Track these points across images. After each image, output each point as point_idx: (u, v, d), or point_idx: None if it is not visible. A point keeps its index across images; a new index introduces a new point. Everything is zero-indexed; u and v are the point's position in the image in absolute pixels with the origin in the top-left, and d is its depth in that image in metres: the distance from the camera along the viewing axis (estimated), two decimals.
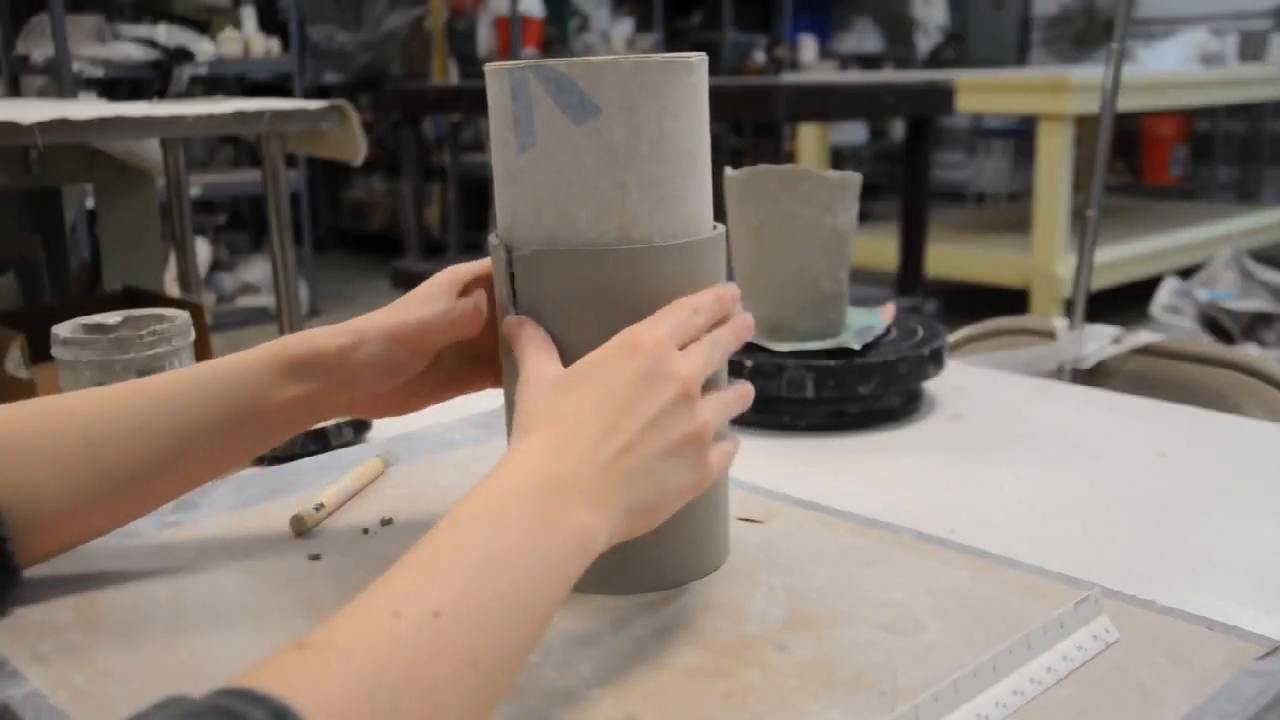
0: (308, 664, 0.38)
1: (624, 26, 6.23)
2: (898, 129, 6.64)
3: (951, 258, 4.08)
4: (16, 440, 0.59)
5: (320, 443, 0.87)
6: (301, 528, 0.70)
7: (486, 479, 0.49)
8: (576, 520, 0.48)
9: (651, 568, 0.61)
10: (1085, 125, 4.06)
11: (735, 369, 0.89)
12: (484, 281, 0.66)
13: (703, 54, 0.60)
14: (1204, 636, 0.55)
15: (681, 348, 0.55)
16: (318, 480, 0.78)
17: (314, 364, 0.62)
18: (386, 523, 0.71)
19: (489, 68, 0.60)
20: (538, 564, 0.46)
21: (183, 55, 4.26)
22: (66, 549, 0.62)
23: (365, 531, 0.70)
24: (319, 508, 0.71)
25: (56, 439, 0.59)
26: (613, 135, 0.57)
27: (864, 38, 7.18)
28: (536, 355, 0.57)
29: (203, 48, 4.36)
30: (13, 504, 0.57)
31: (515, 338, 0.59)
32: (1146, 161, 6.17)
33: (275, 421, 0.63)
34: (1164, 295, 3.28)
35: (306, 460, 0.82)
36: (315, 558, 0.66)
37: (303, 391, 0.62)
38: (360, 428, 0.90)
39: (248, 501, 0.75)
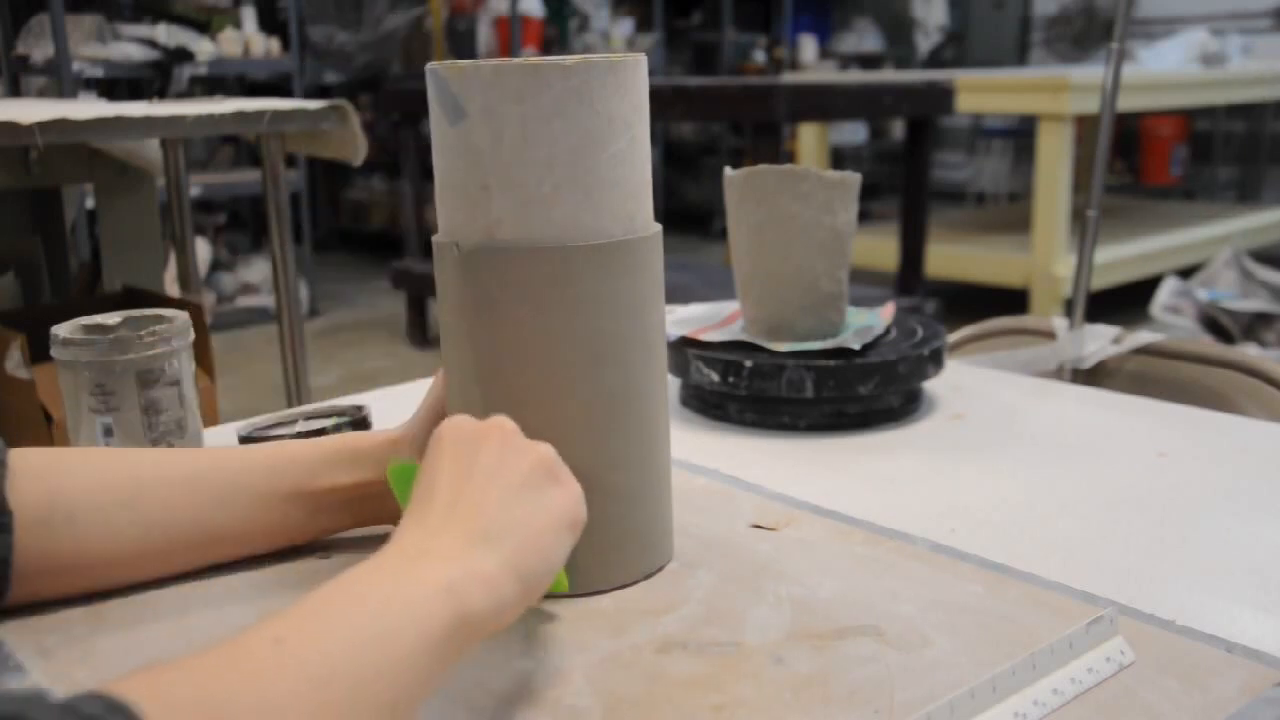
0: (158, 674, 0.38)
1: (624, 26, 6.23)
2: (898, 129, 6.64)
3: (951, 258, 4.08)
4: (61, 460, 0.60)
5: None
6: None
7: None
8: (430, 572, 0.47)
9: (579, 569, 0.61)
10: (1085, 125, 4.07)
11: (735, 369, 0.89)
12: None
13: (589, 57, 0.58)
14: (1220, 660, 0.53)
15: None
16: None
17: (365, 455, 0.65)
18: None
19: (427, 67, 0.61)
20: (390, 602, 0.45)
21: (183, 55, 4.26)
22: (83, 591, 0.61)
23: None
24: None
25: (98, 464, 0.61)
26: (476, 138, 0.58)
27: (864, 38, 7.18)
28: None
29: (203, 48, 4.36)
30: (41, 519, 0.57)
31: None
32: (1146, 161, 6.17)
33: (321, 505, 0.64)
34: (1164, 295, 3.28)
35: None
36: (324, 556, 0.66)
37: (351, 480, 0.64)
38: (360, 426, 0.90)
39: None
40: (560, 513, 0.53)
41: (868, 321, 0.98)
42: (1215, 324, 3.14)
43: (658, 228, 0.63)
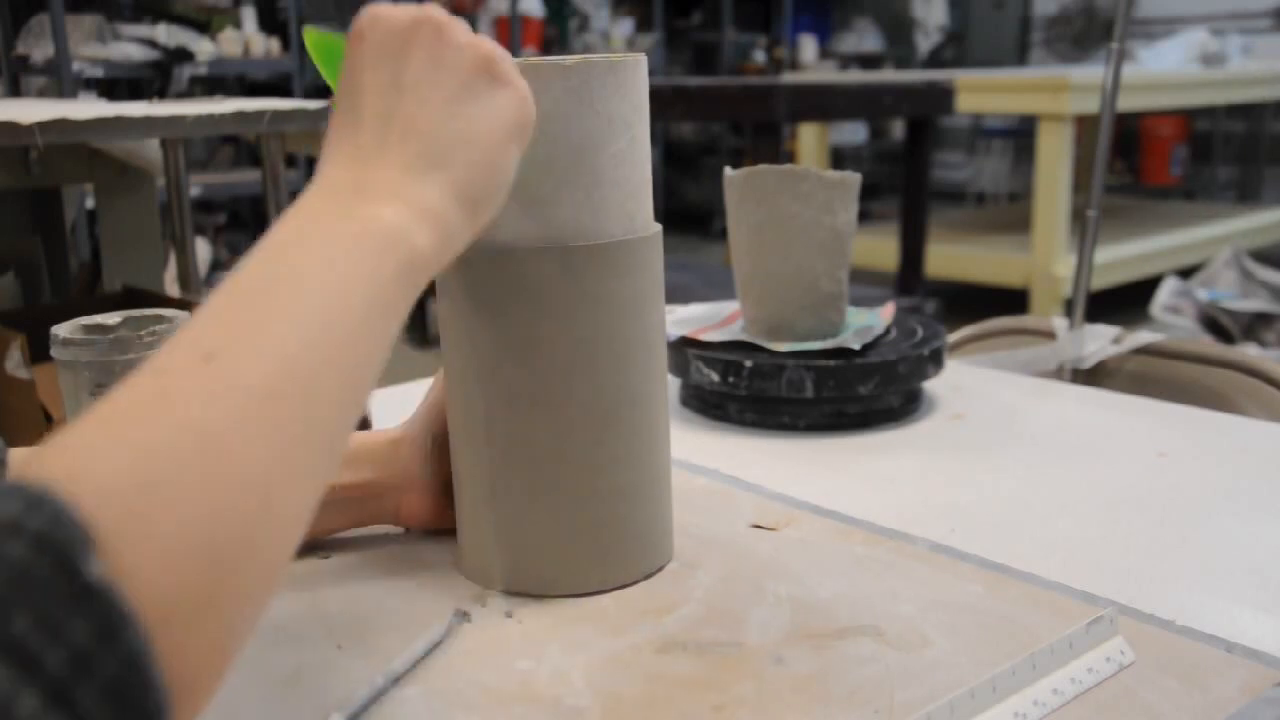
0: (69, 443, 0.32)
1: (624, 27, 6.23)
2: (898, 129, 6.64)
3: (951, 258, 4.08)
4: None
5: None
6: None
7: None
8: (370, 212, 0.42)
9: (579, 569, 0.61)
10: (1085, 125, 4.06)
11: (735, 369, 0.89)
12: None
13: (589, 57, 0.57)
14: (1221, 660, 0.53)
15: None
16: None
17: (365, 456, 0.65)
18: None
19: None
20: (335, 272, 0.39)
21: (183, 55, 4.26)
22: None
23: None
24: None
25: None
26: None
27: (864, 38, 7.18)
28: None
29: (203, 48, 4.36)
30: None
31: None
32: (1146, 161, 6.17)
33: (320, 505, 0.63)
34: (1164, 295, 3.28)
35: None
36: (325, 557, 0.66)
37: (350, 480, 0.64)
38: (361, 426, 0.90)
39: None
40: (507, 120, 0.47)
41: (868, 321, 0.98)
42: (1215, 324, 3.14)
43: (658, 227, 0.63)
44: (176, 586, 0.30)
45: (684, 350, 0.93)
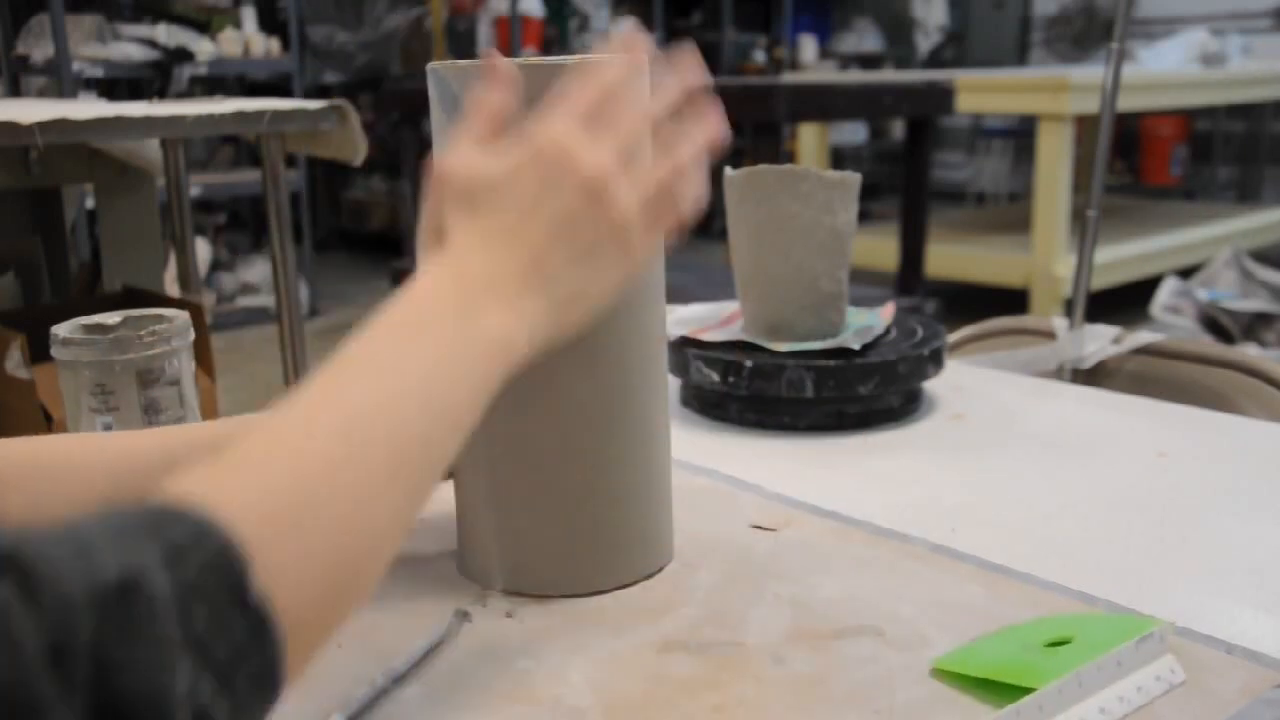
0: (223, 479, 0.38)
1: (624, 27, 6.23)
2: (898, 129, 6.64)
3: (951, 258, 4.08)
4: (38, 464, 0.57)
5: None
6: None
7: (398, 296, 0.48)
8: (492, 320, 0.48)
9: (579, 569, 0.61)
10: (1085, 125, 4.06)
11: (735, 369, 0.89)
12: None
13: (588, 57, 0.56)
14: (1220, 660, 0.53)
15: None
16: None
17: None
18: None
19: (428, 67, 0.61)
20: (452, 365, 0.46)
21: (183, 55, 4.26)
22: None
23: None
24: None
25: (77, 465, 0.58)
26: None
27: (864, 38, 7.17)
28: (467, 142, 0.53)
29: (203, 48, 4.36)
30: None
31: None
32: (1146, 161, 6.17)
33: None
34: (1164, 295, 3.28)
35: None
36: None
37: None
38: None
39: None
40: (619, 282, 0.52)
41: (868, 321, 0.98)
42: (1215, 324, 3.14)
43: None
44: (304, 605, 0.37)
45: (684, 350, 0.93)
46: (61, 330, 0.75)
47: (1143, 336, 1.21)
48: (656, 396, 0.63)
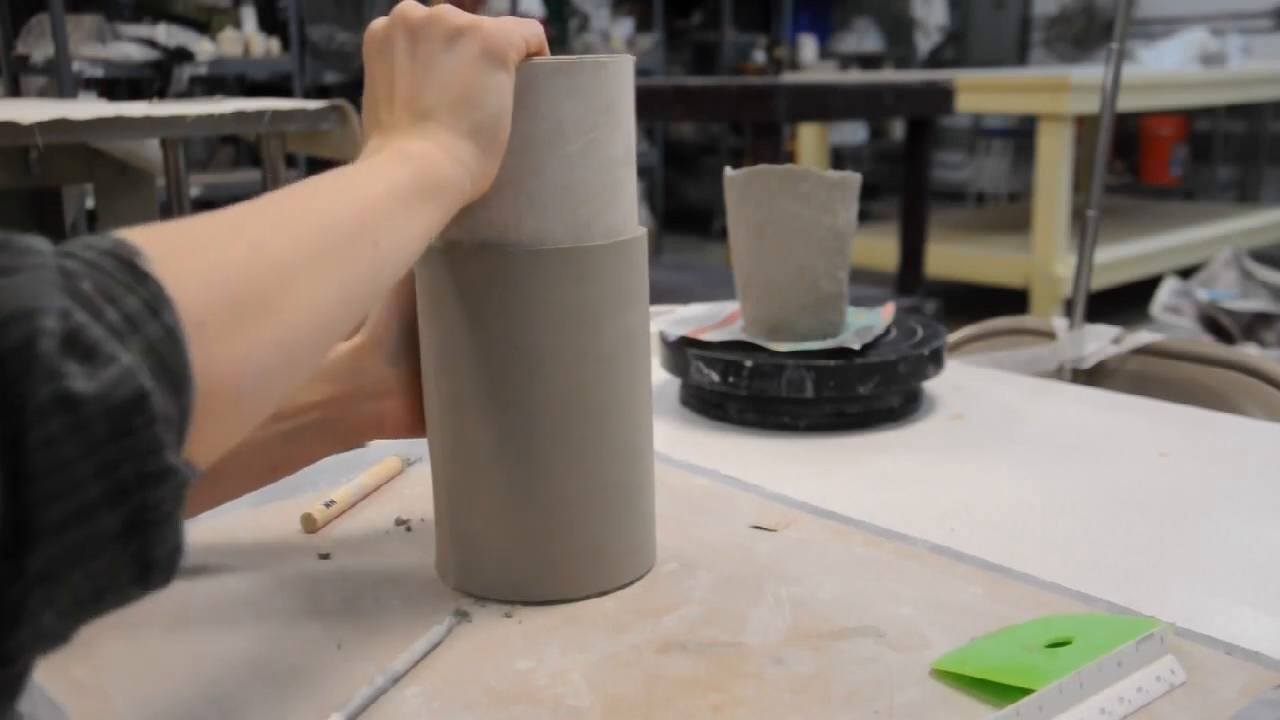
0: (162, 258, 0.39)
1: (624, 27, 6.23)
2: (898, 129, 6.64)
3: (951, 258, 4.08)
4: None
5: None
6: (312, 526, 0.70)
7: None
8: (389, 148, 0.52)
9: (559, 574, 0.60)
10: (1085, 125, 4.06)
11: (735, 369, 0.89)
12: None
13: (536, 60, 0.56)
14: (1220, 661, 0.53)
15: None
16: (336, 478, 0.77)
17: (330, 369, 0.61)
18: (402, 523, 0.71)
19: None
20: (355, 173, 0.50)
21: (183, 55, 4.26)
22: None
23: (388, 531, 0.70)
24: (330, 504, 0.71)
25: None
26: None
27: (864, 38, 7.17)
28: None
29: (203, 48, 4.36)
30: None
31: None
32: (1146, 161, 6.17)
33: (295, 427, 0.60)
34: (1164, 295, 3.28)
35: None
36: (325, 557, 0.66)
37: (321, 396, 0.61)
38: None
39: (262, 497, 0.74)
40: (473, 53, 0.54)
41: (868, 321, 0.98)
42: (1215, 324, 3.14)
43: (626, 236, 0.60)
44: (203, 305, 0.38)
45: (684, 350, 0.93)
46: None
47: (1143, 337, 1.21)
48: (615, 408, 0.60)
